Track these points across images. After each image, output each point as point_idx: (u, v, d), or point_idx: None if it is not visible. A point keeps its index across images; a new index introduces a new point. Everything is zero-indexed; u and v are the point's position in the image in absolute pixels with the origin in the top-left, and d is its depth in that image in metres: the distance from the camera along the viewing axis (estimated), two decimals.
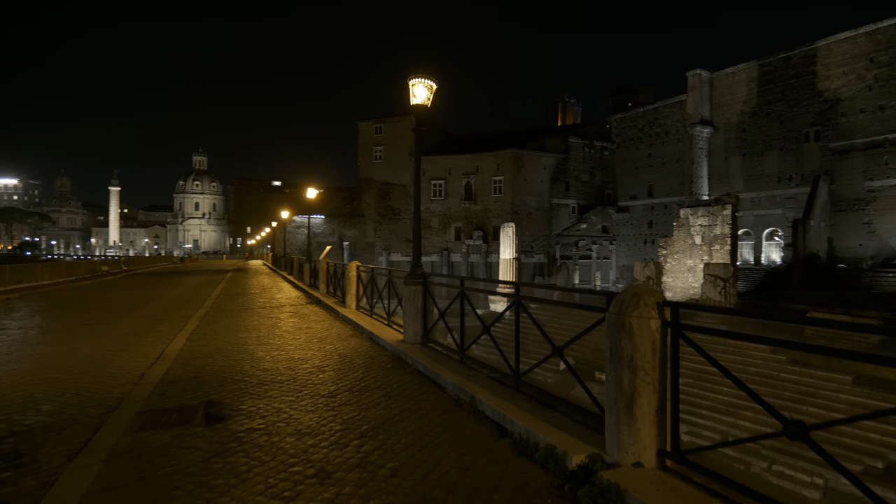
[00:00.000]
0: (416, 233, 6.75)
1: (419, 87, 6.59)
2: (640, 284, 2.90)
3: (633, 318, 2.80)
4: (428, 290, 6.57)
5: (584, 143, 50.40)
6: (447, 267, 46.57)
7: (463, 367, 5.53)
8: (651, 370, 2.80)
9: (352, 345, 7.56)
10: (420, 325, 6.65)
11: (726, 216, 27.19)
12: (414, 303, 6.60)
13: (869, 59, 35.01)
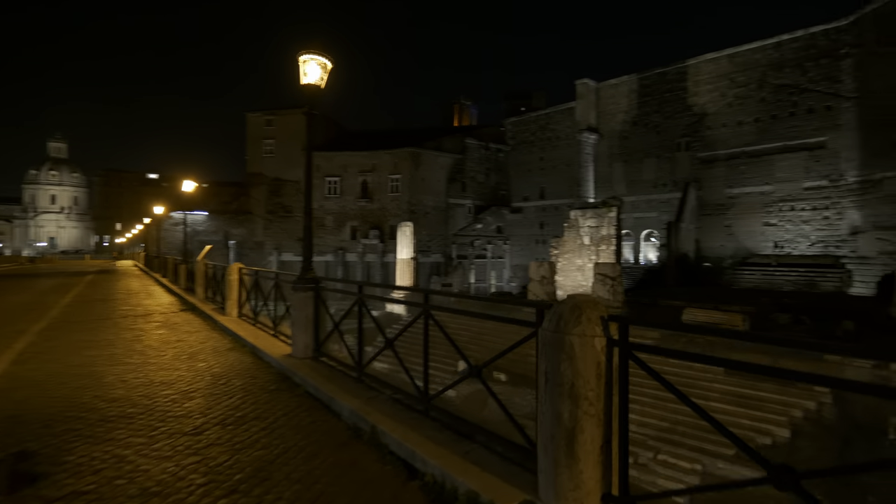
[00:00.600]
0: (307, 231, 5.86)
1: (311, 64, 5.74)
2: (579, 296, 2.41)
3: (575, 337, 2.28)
4: (320, 296, 5.74)
5: (481, 144, 51.28)
6: (342, 267, 45.05)
7: (361, 386, 4.80)
8: (596, 399, 2.30)
9: (230, 361, 6.47)
10: (311, 336, 5.79)
11: (612, 218, 28.76)
12: (304, 311, 5.72)
13: (730, 78, 38.85)
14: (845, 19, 33.20)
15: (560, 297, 23.89)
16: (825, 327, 19.89)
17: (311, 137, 5.64)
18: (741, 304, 24.52)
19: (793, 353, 14.85)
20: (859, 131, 31.96)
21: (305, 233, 5.87)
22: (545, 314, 2.54)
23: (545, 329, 2.44)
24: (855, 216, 32.33)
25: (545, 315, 2.54)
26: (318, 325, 5.67)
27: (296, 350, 5.96)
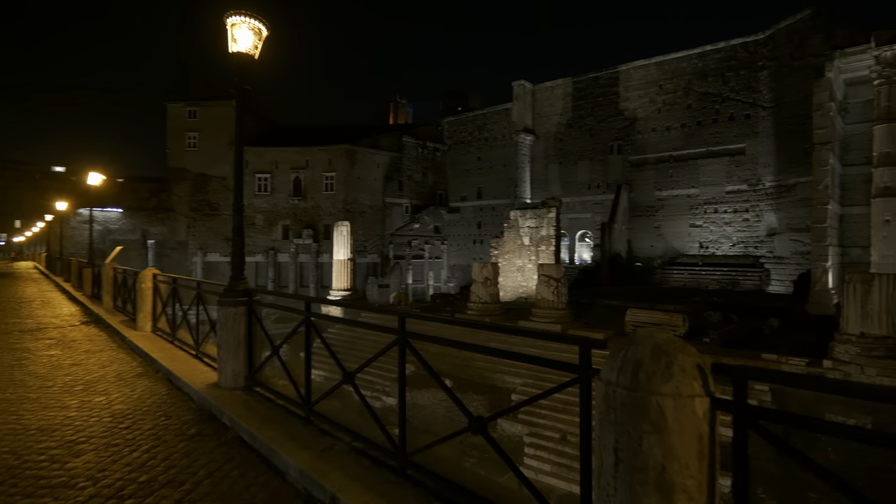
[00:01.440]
0: (237, 232, 4.79)
1: (242, 28, 4.69)
2: (656, 333, 1.64)
3: (666, 398, 1.51)
4: (255, 312, 4.73)
5: (418, 143, 50.47)
6: (273, 268, 42.75)
7: (311, 430, 3.81)
8: (698, 492, 1.53)
9: (137, 392, 5.21)
10: (243, 362, 4.74)
11: (551, 218, 28.83)
12: (234, 331, 4.68)
13: (659, 85, 40.22)
14: (762, 33, 35.11)
15: (503, 299, 23.55)
16: (753, 325, 20.66)
17: (241, 117, 4.55)
18: (675, 303, 25.14)
19: (729, 353, 15.12)
20: (775, 139, 33.87)
21: (235, 235, 4.76)
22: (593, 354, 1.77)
23: (612, 383, 1.64)
24: (772, 219, 34.25)
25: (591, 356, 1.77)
26: (251, 347, 4.63)
27: (223, 378, 4.86)
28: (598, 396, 1.72)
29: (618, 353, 1.68)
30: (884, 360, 11.32)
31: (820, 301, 24.93)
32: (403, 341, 3.25)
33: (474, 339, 3.31)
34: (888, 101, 21.71)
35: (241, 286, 4.80)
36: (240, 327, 4.68)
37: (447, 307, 25.37)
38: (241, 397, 4.53)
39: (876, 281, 11.48)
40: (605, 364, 1.74)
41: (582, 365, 2.00)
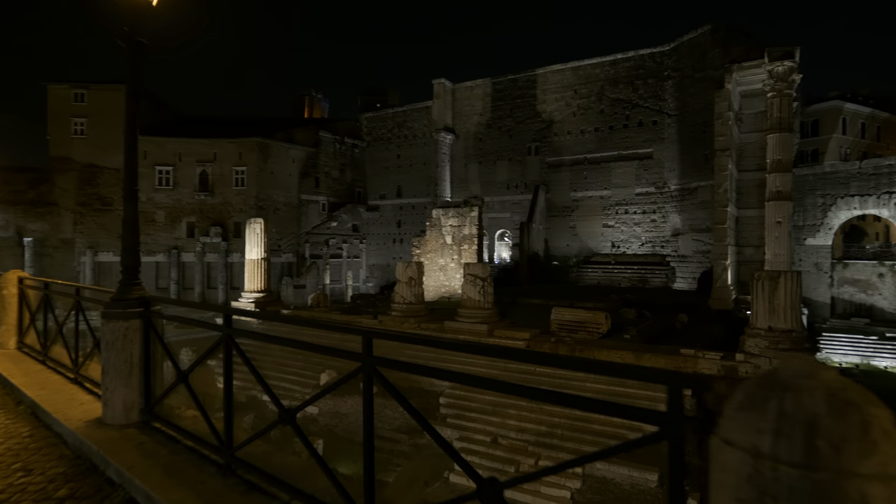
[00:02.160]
0: (129, 226, 3.78)
1: None
2: (825, 372, 1.06)
3: (872, 485, 0.90)
4: (154, 326, 3.73)
5: (336, 138, 48.78)
6: (177, 268, 39.37)
7: (233, 484, 2.88)
8: None
9: None
10: (138, 390, 3.72)
11: (474, 217, 28.73)
12: (125, 351, 3.65)
13: (574, 90, 41.52)
14: (667, 45, 37.24)
15: (426, 299, 22.94)
16: (665, 320, 21.60)
17: (137, 75, 3.50)
18: (593, 300, 25.85)
19: (650, 349, 15.53)
20: (679, 145, 36.01)
21: (127, 228, 3.71)
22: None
23: (766, 456, 0.99)
24: (676, 220, 36.39)
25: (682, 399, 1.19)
26: (149, 371, 3.65)
27: (111, 412, 3.75)
28: (731, 473, 1.10)
29: (760, 403, 1.08)
30: (789, 351, 11.94)
31: (721, 297, 26.70)
32: (370, 370, 2.49)
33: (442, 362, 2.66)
34: (780, 113, 23.58)
35: (134, 293, 3.75)
36: (133, 346, 3.65)
37: (368, 308, 24.40)
38: (135, 438, 3.45)
39: (782, 278, 12.08)
40: (737, 418, 1.13)
41: (671, 414, 1.41)
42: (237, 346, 3.02)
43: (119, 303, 3.73)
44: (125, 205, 3.70)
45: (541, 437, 12.38)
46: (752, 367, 12.26)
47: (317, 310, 21.88)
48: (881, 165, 24.76)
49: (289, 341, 2.85)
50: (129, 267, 3.77)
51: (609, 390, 13.12)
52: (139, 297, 3.79)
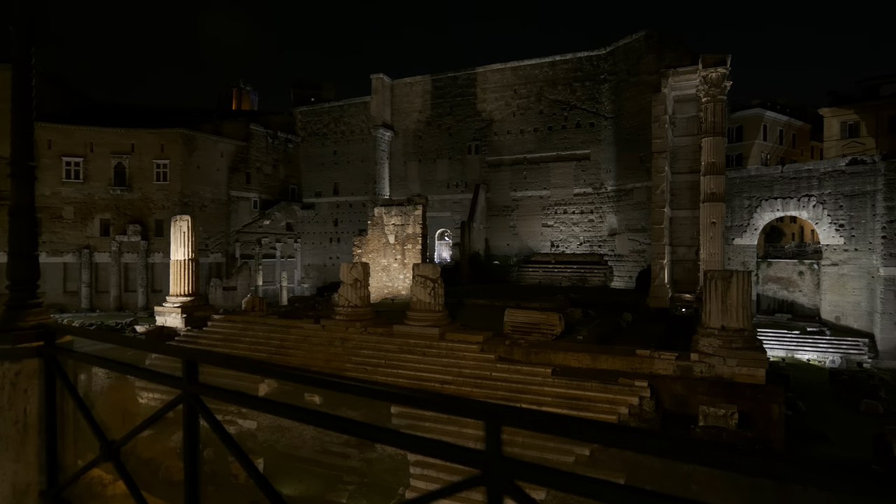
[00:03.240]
0: (19, 218, 2.70)
1: None
2: None
3: None
4: (63, 371, 2.58)
5: (268, 132, 46.48)
6: (89, 270, 35.90)
7: None
8: None
9: None
10: (36, 466, 2.60)
11: (418, 216, 27.99)
12: (14, 411, 2.54)
13: (514, 90, 41.71)
14: (604, 49, 38.11)
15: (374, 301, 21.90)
16: (611, 319, 21.81)
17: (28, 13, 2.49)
18: (540, 300, 25.81)
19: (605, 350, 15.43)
20: (615, 147, 36.95)
21: (16, 223, 2.67)
22: None
23: None
24: (613, 220, 37.31)
25: None
26: (54, 435, 2.59)
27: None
28: None
29: None
30: (742, 350, 12.07)
31: (658, 295, 27.43)
32: (193, 400, 1.87)
33: None
34: (714, 117, 24.45)
35: (29, 319, 2.59)
36: (27, 400, 2.55)
37: (308, 311, 23.08)
38: None
39: (734, 278, 12.20)
40: None
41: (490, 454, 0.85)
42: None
43: (3, 335, 2.54)
44: (14, 187, 2.63)
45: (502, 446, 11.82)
46: (706, 366, 12.31)
47: (251, 314, 20.38)
48: (801, 170, 26.30)
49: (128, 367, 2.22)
50: (20, 280, 2.62)
51: (568, 394, 12.82)
52: (37, 326, 2.58)
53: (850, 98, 40.20)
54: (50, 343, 2.61)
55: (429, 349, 15.76)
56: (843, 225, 24.34)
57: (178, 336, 19.97)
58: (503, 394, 13.31)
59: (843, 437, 14.10)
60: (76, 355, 2.58)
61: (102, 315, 33.47)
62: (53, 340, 2.60)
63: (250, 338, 18.69)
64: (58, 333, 2.61)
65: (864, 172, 23.56)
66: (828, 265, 25.10)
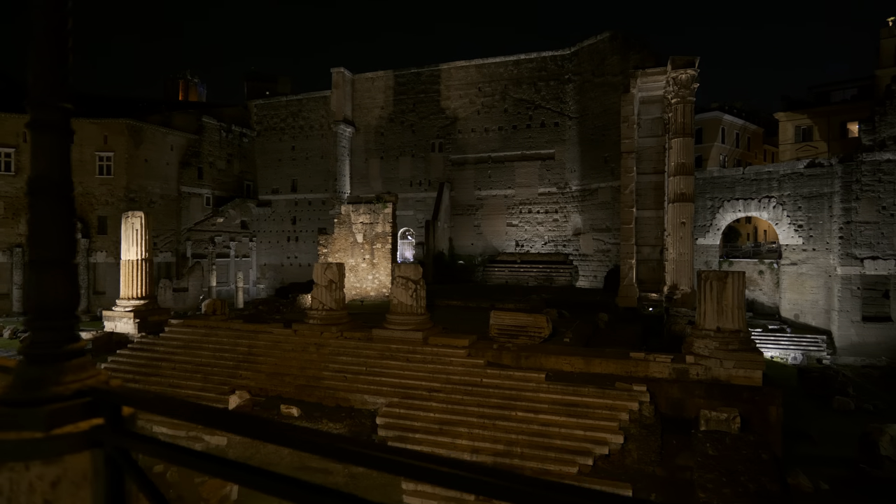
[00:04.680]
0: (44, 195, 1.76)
1: None
2: None
3: None
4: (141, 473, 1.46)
5: (221, 125, 44.23)
6: (22, 271, 32.96)
7: None
8: None
9: None
10: None
11: (387, 214, 27.09)
12: None
13: (478, 87, 41.34)
14: (568, 49, 38.27)
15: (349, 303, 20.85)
16: (586, 320, 21.67)
17: None
18: (514, 300, 25.46)
19: (597, 353, 15.12)
20: (580, 147, 37.16)
21: (39, 207, 1.71)
22: None
23: None
24: (577, 219, 37.53)
25: None
26: None
27: None
28: None
29: None
30: (738, 352, 11.95)
31: (627, 295, 27.64)
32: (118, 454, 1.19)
33: None
34: (683, 118, 24.77)
35: (68, 377, 1.62)
36: None
37: (275, 315, 21.85)
38: None
39: (730, 279, 12.07)
40: None
41: None
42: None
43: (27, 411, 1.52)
44: (36, 145, 1.85)
45: (499, 458, 11.24)
46: (702, 368, 12.13)
47: (213, 318, 18.98)
48: (762, 172, 27.06)
49: None
50: (53, 308, 1.71)
51: (565, 400, 12.37)
52: (87, 391, 1.61)
53: (803, 103, 42.16)
54: (114, 421, 1.56)
55: (412, 354, 15.02)
56: (802, 225, 25.18)
57: (130, 343, 18.37)
58: (497, 401, 12.73)
59: (822, 435, 14.29)
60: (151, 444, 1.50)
61: None
62: (119, 415, 1.56)
63: (214, 344, 17.37)
64: (124, 401, 1.59)
65: (821, 175, 24.44)
66: (787, 264, 25.92)
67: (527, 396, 12.76)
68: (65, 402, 1.54)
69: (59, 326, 1.70)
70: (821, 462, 11.84)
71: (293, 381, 15.10)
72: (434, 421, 12.59)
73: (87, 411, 1.53)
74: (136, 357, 17.42)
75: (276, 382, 15.23)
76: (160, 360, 16.98)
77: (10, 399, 1.55)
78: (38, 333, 1.70)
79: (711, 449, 10.62)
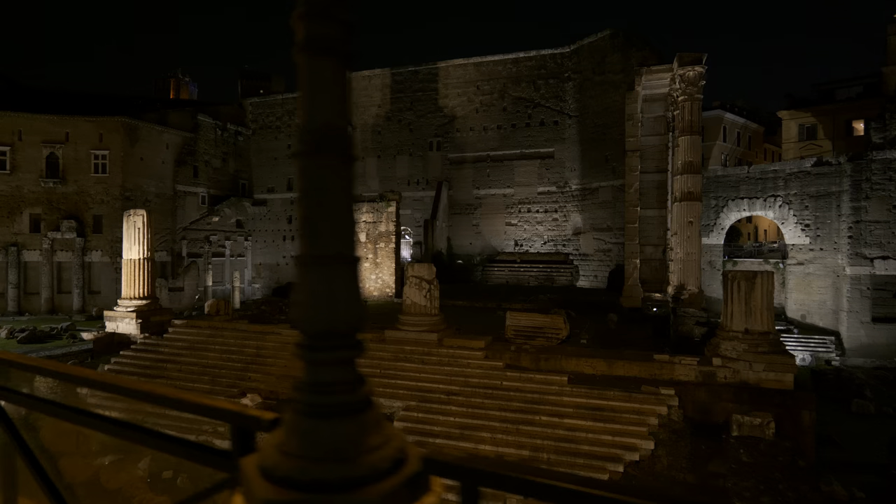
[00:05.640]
0: None
1: None
2: None
3: None
4: None
5: (217, 123, 43.55)
6: (17, 270, 32.14)
7: None
8: None
9: None
10: None
11: (391, 213, 26.72)
12: None
13: (476, 86, 41.04)
14: (568, 47, 38.05)
15: None
16: (595, 320, 21.45)
17: None
18: (521, 301, 25.22)
19: (618, 355, 14.87)
20: (580, 145, 36.97)
21: None
22: None
23: None
24: (577, 219, 37.34)
25: None
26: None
27: None
28: None
29: None
30: (769, 354, 11.73)
31: (632, 295, 27.44)
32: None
33: None
34: (691, 116, 24.59)
35: (378, 442, 1.24)
36: None
37: (278, 315, 21.39)
38: None
39: (758, 279, 11.85)
40: None
41: None
42: None
43: (348, 498, 1.13)
44: None
45: (526, 464, 10.92)
46: (730, 371, 11.90)
47: (217, 318, 18.54)
48: (767, 171, 27.00)
49: None
50: (343, 330, 1.35)
51: (590, 404, 12.09)
52: (408, 457, 1.29)
53: (807, 101, 42.04)
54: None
55: (428, 356, 14.69)
56: (809, 225, 25.12)
57: (133, 344, 17.88)
58: (519, 405, 12.43)
59: (847, 439, 14.11)
60: None
61: (33, 319, 29.98)
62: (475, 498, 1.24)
63: (220, 345, 16.94)
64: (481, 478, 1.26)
65: (829, 173, 24.38)
66: (793, 264, 25.86)
67: (550, 400, 12.47)
68: (385, 479, 1.14)
69: (349, 358, 1.33)
70: (850, 468, 11.66)
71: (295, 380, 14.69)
72: (454, 425, 12.26)
73: (414, 491, 1.15)
74: (140, 358, 16.94)
75: (286, 385, 14.83)
76: (166, 362, 16.53)
77: (310, 479, 1.13)
78: (326, 370, 1.31)
79: (746, 455, 10.38)
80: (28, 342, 23.53)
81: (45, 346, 22.96)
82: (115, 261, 32.97)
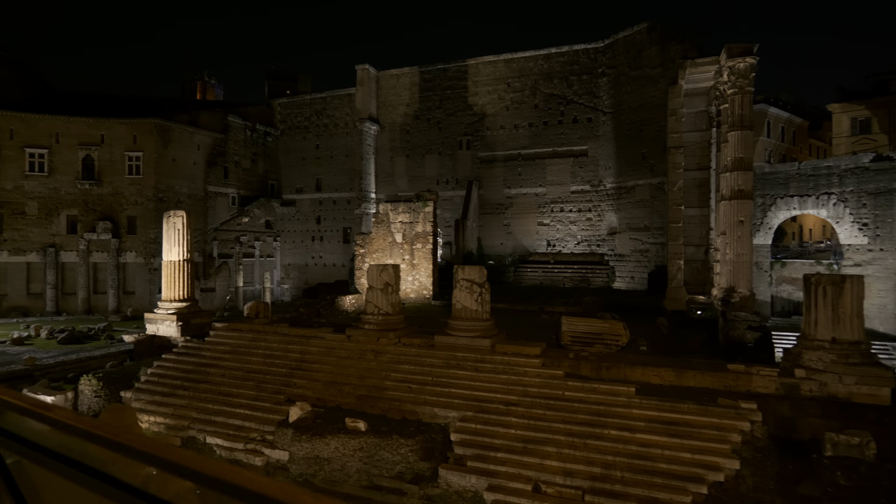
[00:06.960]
0: None
1: None
2: None
3: None
4: None
5: (246, 124, 43.53)
6: (55, 270, 32.42)
7: None
8: None
9: None
10: None
11: (428, 213, 26.18)
12: None
13: (507, 83, 40.22)
14: (602, 42, 36.99)
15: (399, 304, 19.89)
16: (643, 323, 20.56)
17: None
18: (563, 303, 24.44)
19: (685, 364, 14.06)
20: (615, 143, 35.91)
21: None
22: None
23: None
24: (612, 218, 36.31)
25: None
26: None
27: None
28: None
29: None
30: (860, 366, 10.83)
31: (676, 297, 26.41)
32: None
33: None
34: (741, 110, 23.44)
35: None
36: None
37: (317, 318, 21.01)
38: None
39: (848, 283, 10.96)
40: None
41: None
42: None
43: None
44: None
45: (596, 482, 10.23)
46: (816, 384, 11.02)
47: (257, 321, 18.16)
48: (820, 167, 25.78)
49: None
50: None
51: (662, 417, 11.31)
52: None
53: (860, 93, 40.02)
54: None
55: (481, 364, 14.04)
56: (867, 224, 23.87)
57: (175, 347, 17.61)
58: (584, 417, 11.71)
59: None
60: None
61: (71, 319, 30.20)
62: None
63: (263, 350, 16.55)
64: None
65: (890, 169, 23.12)
66: (849, 266, 24.62)
67: (618, 412, 11.73)
68: None
69: None
70: None
71: (353, 391, 14.20)
72: (516, 438, 11.60)
73: None
74: (182, 362, 16.64)
75: (333, 392, 14.35)
76: (208, 366, 16.19)
77: None
78: None
79: (843, 478, 9.52)
80: (68, 342, 23.59)
81: (85, 346, 22.97)
82: (149, 261, 33.06)
